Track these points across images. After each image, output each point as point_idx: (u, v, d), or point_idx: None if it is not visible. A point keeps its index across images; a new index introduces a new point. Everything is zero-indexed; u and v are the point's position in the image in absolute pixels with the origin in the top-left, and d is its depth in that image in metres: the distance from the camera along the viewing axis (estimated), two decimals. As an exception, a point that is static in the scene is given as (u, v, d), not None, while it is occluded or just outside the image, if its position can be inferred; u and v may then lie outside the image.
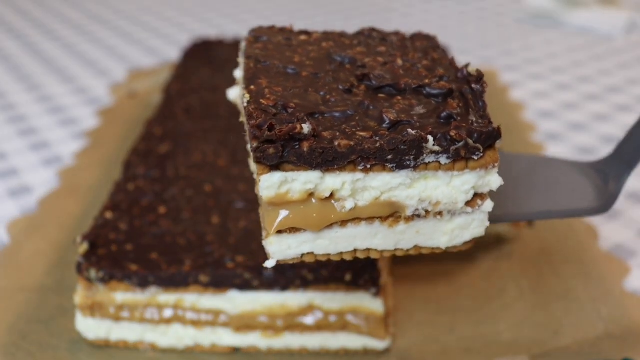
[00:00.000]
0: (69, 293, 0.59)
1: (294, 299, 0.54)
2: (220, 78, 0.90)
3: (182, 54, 1.00)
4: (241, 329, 0.55)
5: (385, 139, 0.37)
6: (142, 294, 0.54)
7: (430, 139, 0.37)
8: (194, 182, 0.65)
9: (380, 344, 0.55)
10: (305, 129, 0.36)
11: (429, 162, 0.38)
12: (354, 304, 0.54)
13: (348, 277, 0.52)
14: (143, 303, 0.54)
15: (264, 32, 0.51)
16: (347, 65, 0.46)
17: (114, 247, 0.55)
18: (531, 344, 0.55)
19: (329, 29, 0.53)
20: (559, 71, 1.15)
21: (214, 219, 0.59)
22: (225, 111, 0.80)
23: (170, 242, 0.56)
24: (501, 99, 0.99)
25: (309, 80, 0.43)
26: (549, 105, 1.03)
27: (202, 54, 0.99)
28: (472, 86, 0.42)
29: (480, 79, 0.42)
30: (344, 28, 0.58)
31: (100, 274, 0.53)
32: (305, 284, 0.53)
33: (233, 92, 0.54)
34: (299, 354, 0.55)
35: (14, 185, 0.81)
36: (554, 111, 1.00)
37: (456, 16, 1.45)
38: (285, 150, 0.36)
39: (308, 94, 0.41)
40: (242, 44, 0.49)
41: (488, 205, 0.41)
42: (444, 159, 0.38)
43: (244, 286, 0.53)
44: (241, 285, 0.53)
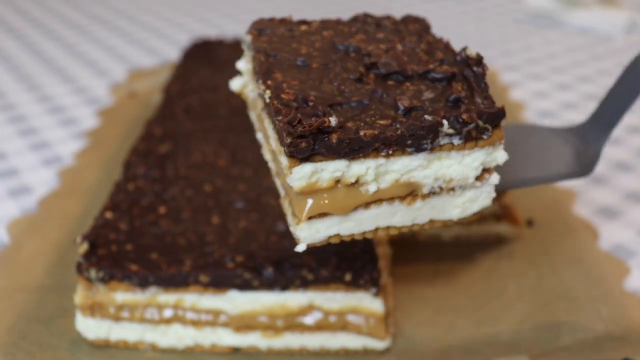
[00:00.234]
0: (69, 293, 0.59)
1: (294, 299, 0.54)
2: (220, 78, 0.90)
3: (182, 54, 1.00)
4: (241, 329, 0.55)
5: (404, 126, 0.39)
6: (142, 294, 0.54)
7: (445, 123, 0.40)
8: (194, 182, 0.65)
9: (380, 344, 0.55)
10: (333, 121, 0.39)
11: (443, 143, 0.41)
12: (354, 304, 0.54)
13: (348, 277, 0.52)
14: (143, 303, 0.54)
15: (265, 24, 0.52)
16: (352, 54, 0.47)
17: (114, 247, 0.55)
18: (531, 344, 0.55)
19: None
20: (559, 71, 1.15)
21: (214, 219, 0.59)
22: (225, 111, 0.80)
23: (170, 242, 0.56)
24: (501, 99, 0.99)
25: (319, 71, 0.45)
26: (549, 105, 1.03)
27: (202, 54, 0.99)
28: (474, 69, 0.44)
29: (480, 61, 0.44)
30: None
31: (100, 274, 0.53)
32: (305, 284, 0.53)
33: (236, 83, 0.54)
34: (299, 354, 0.55)
35: (14, 185, 0.81)
36: (554, 111, 1.00)
37: (456, 16, 1.45)
38: (316, 143, 0.38)
39: (322, 85, 0.43)
40: (247, 37, 0.50)
41: (495, 178, 0.44)
42: (456, 140, 0.41)
43: (244, 286, 0.53)
44: (241, 285, 0.53)
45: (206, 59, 0.97)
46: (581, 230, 0.69)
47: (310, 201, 0.41)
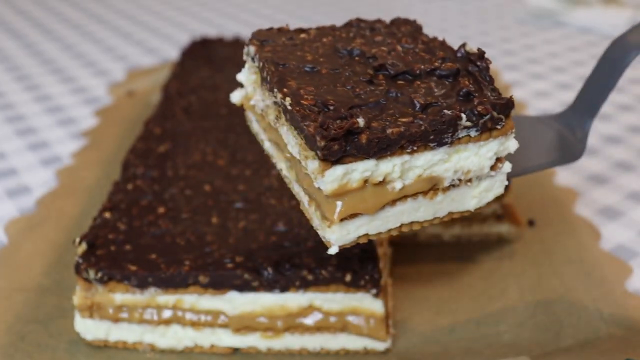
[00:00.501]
0: (68, 293, 0.59)
1: (294, 299, 0.54)
2: (220, 77, 0.90)
3: (181, 52, 1.00)
4: (240, 330, 0.54)
5: (427, 122, 0.41)
6: (141, 294, 0.54)
7: (464, 116, 0.41)
8: (194, 182, 0.65)
9: (380, 345, 0.54)
10: (361, 122, 0.40)
11: (461, 136, 0.43)
12: (354, 304, 0.54)
13: (348, 277, 0.52)
14: (142, 304, 0.54)
15: (265, 35, 0.52)
16: (357, 57, 0.48)
17: (112, 248, 0.55)
18: (532, 344, 0.55)
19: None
20: (560, 71, 1.15)
21: (214, 219, 0.59)
22: (224, 111, 0.80)
23: (170, 243, 0.56)
24: (502, 98, 0.99)
25: (330, 76, 0.46)
26: (550, 104, 1.02)
27: (202, 52, 0.99)
28: (477, 64, 0.46)
29: (482, 56, 0.46)
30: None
31: (99, 274, 0.53)
32: (305, 285, 0.53)
33: (237, 95, 0.54)
34: (299, 355, 0.55)
35: (12, 185, 0.81)
36: (555, 110, 1.00)
37: (457, 16, 1.45)
38: (347, 144, 0.39)
39: (337, 89, 0.44)
40: (250, 48, 0.50)
41: (507, 167, 0.46)
42: (473, 132, 0.43)
43: (244, 287, 0.53)
44: (241, 286, 0.53)
45: (205, 57, 0.97)
46: (583, 231, 0.68)
47: (340, 203, 0.42)
